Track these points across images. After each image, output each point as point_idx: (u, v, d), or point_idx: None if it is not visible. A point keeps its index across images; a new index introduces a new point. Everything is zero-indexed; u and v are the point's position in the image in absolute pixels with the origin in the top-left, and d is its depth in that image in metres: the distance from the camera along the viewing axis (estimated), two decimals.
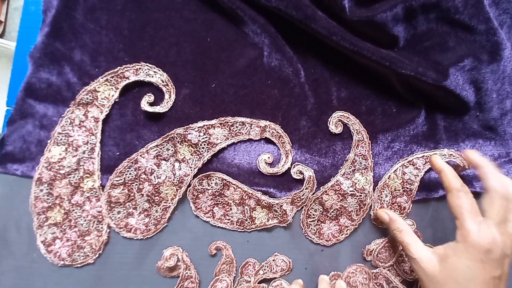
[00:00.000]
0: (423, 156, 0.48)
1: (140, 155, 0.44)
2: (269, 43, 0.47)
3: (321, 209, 0.46)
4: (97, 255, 0.43)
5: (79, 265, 0.43)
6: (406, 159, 0.48)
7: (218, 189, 0.45)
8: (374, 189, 0.47)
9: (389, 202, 0.47)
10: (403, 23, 0.47)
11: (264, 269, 0.45)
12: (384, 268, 0.46)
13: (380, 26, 0.45)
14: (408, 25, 0.48)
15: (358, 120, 0.48)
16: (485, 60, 0.47)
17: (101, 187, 0.44)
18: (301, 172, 0.46)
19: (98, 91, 0.45)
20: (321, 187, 0.46)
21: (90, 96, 0.44)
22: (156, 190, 0.44)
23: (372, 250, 0.46)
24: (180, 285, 0.43)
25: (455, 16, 0.46)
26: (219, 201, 0.45)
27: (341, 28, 0.44)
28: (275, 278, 0.45)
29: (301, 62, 0.48)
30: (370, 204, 0.46)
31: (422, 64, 0.45)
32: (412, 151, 0.48)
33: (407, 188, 0.47)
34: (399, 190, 0.47)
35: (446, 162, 0.47)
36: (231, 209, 0.45)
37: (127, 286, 0.44)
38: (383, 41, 0.47)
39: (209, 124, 0.45)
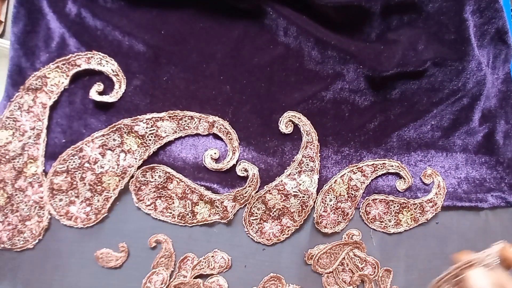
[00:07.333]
0: (372, 164, 0.48)
1: (86, 144, 0.44)
2: (225, 38, 0.47)
3: (264, 208, 0.46)
4: (36, 241, 0.43)
5: (18, 250, 0.43)
6: (356, 165, 0.47)
7: (162, 182, 0.45)
8: (318, 192, 0.46)
9: (333, 207, 0.46)
10: (378, 17, 0.47)
11: (201, 265, 0.45)
12: (323, 274, 0.46)
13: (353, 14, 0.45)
14: (382, 20, 0.47)
15: (309, 122, 0.47)
16: (448, 71, 0.47)
17: (44, 173, 0.44)
18: (246, 170, 0.46)
19: (48, 77, 0.45)
20: (265, 186, 0.46)
21: (39, 82, 0.44)
22: (98, 179, 0.44)
23: (314, 254, 0.46)
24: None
25: (428, 20, 0.46)
26: (162, 194, 0.45)
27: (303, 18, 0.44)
28: (212, 274, 0.45)
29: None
30: (312, 206, 0.46)
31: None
32: (362, 157, 0.48)
33: (352, 194, 0.47)
34: (343, 196, 0.47)
35: (396, 173, 0.47)
36: (173, 202, 0.45)
37: (65, 273, 0.44)
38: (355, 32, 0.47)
39: (158, 117, 0.45)
